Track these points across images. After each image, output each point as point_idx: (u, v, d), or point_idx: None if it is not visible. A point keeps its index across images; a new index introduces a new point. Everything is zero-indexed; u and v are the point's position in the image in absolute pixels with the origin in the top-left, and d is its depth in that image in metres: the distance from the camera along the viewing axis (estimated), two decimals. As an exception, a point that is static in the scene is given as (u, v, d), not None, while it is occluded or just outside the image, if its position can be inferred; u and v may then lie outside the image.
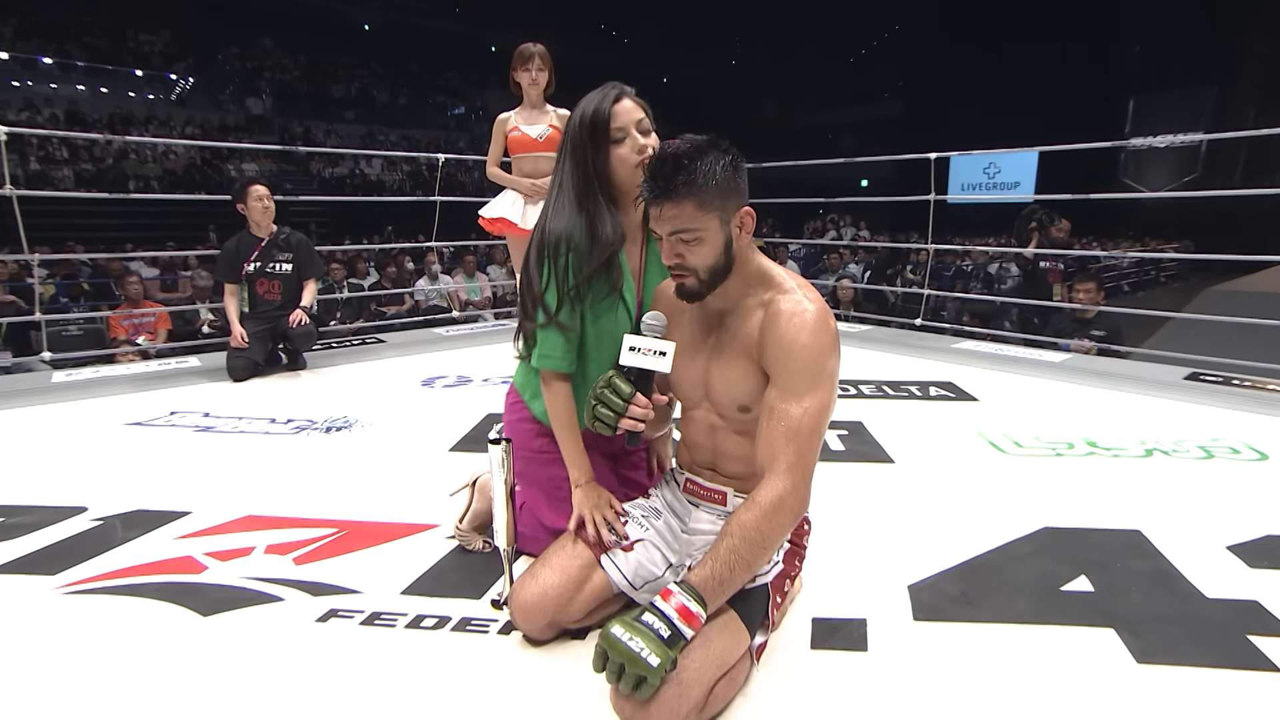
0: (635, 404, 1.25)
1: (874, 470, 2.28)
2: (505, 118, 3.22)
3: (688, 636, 1.04)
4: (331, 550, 1.71)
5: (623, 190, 1.39)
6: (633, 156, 1.35)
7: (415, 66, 20.92)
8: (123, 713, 1.15)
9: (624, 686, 1.01)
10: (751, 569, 1.12)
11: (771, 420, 1.17)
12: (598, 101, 1.36)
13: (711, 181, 1.14)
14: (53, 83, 14.61)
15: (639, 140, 1.35)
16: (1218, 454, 2.39)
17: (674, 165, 1.14)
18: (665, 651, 1.00)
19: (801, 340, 1.16)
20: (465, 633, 1.37)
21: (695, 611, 1.05)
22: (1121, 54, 16.51)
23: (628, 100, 1.37)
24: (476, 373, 3.61)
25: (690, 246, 1.17)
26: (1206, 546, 1.71)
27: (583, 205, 1.37)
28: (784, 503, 1.12)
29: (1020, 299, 5.01)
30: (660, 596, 1.07)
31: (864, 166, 17.80)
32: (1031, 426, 2.69)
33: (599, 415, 1.26)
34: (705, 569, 1.08)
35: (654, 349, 1.25)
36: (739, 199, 1.19)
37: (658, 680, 1.00)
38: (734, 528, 1.11)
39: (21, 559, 1.67)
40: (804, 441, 1.15)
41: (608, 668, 1.02)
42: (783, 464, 1.14)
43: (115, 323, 4.92)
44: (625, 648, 1.00)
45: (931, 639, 1.35)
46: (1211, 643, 1.32)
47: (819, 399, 1.16)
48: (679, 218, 1.15)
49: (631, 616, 1.04)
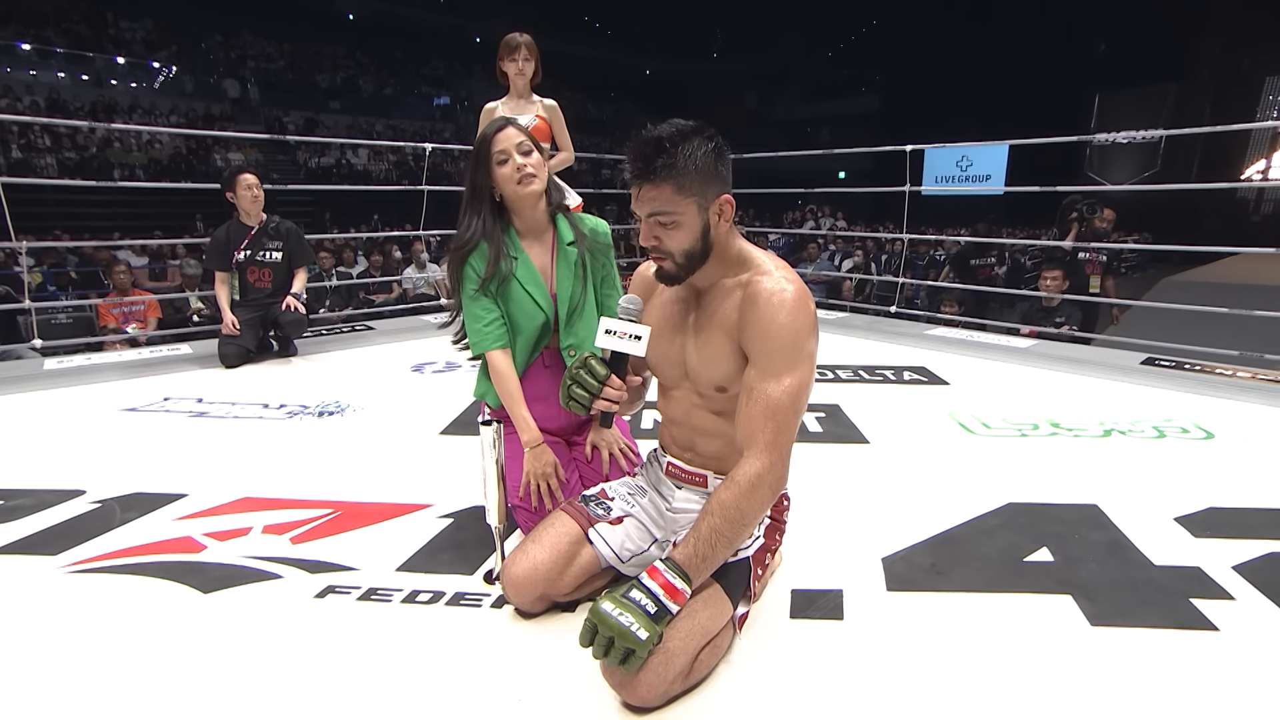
0: (610, 385, 1.29)
1: (850, 451, 2.36)
2: (492, 107, 3.25)
3: (673, 611, 1.08)
4: (327, 530, 1.76)
5: (511, 202, 1.62)
6: (514, 175, 1.57)
7: (400, 56, 20.75)
8: (129, 686, 1.19)
9: (611, 660, 1.04)
10: (733, 545, 1.16)
11: (750, 399, 1.19)
12: (487, 130, 1.60)
13: (692, 166, 1.15)
14: (32, 69, 14.37)
15: (517, 160, 1.57)
16: (1169, 433, 2.51)
17: (655, 147, 1.15)
18: (652, 626, 1.05)
19: (780, 320, 1.18)
20: (459, 607, 1.42)
21: (680, 588, 1.09)
22: (1087, 51, 16.69)
23: (510, 129, 1.59)
24: (464, 359, 3.64)
25: (667, 230, 1.20)
26: (1156, 518, 1.80)
27: (466, 211, 1.63)
28: (762, 480, 1.14)
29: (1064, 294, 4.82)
30: (646, 573, 1.11)
31: (842, 158, 17.94)
32: (999, 409, 2.78)
33: (574, 396, 1.30)
34: (688, 546, 1.12)
35: (629, 332, 1.27)
36: (720, 186, 1.20)
37: (645, 653, 1.04)
38: (714, 506, 1.14)
39: (24, 540, 1.71)
40: (782, 419, 1.17)
41: (595, 642, 1.05)
42: (761, 442, 1.16)
43: (105, 311, 4.92)
44: (615, 622, 1.04)
45: (904, 608, 1.42)
46: (1158, 606, 1.40)
47: (797, 378, 1.18)
48: (657, 200, 1.17)
49: (620, 593, 1.08)
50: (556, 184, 1.71)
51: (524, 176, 1.57)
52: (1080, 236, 4.62)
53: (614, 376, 1.29)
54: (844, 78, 23.63)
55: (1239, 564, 1.56)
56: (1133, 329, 4.38)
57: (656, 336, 1.34)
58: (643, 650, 1.04)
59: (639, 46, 25.05)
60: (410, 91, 20.37)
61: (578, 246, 1.68)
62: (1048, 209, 5.22)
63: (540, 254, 1.67)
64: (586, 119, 21.16)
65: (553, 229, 1.69)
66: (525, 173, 1.57)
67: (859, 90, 22.96)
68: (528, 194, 1.59)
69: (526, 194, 1.59)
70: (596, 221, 1.77)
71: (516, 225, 1.66)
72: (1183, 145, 14.54)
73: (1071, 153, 15.22)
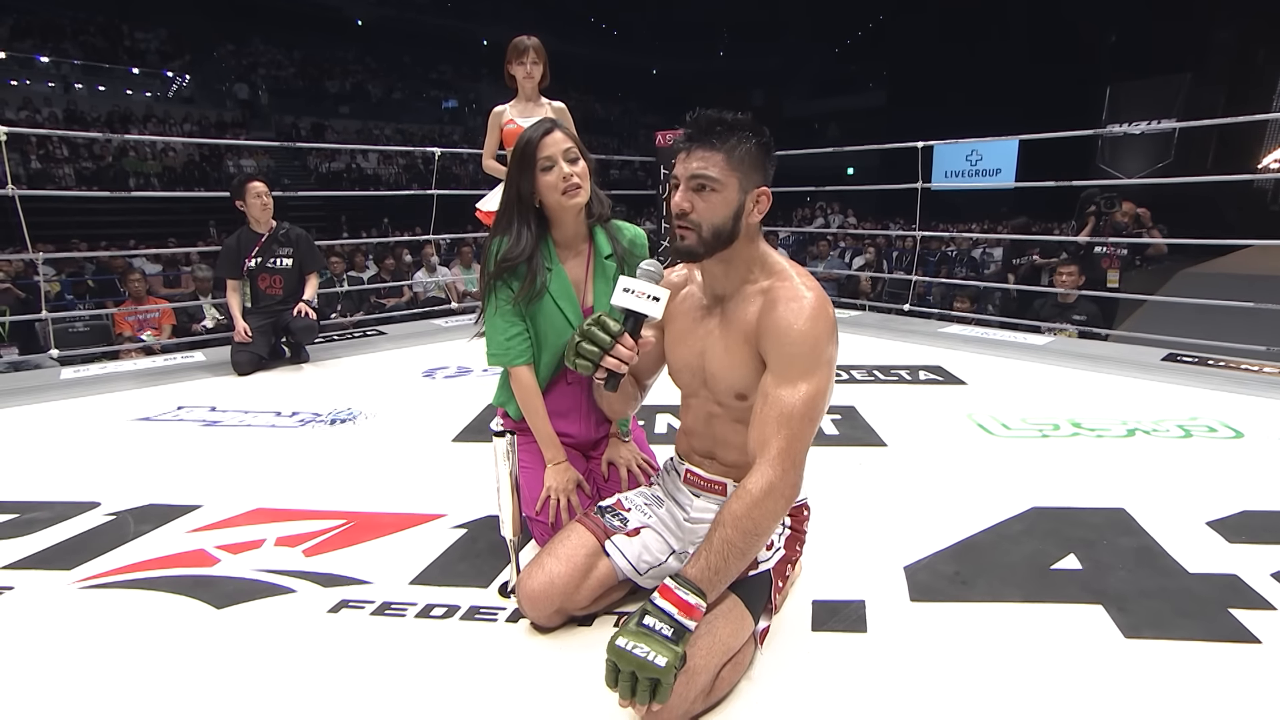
0: (622, 343, 1.24)
1: (868, 454, 2.32)
2: (500, 111, 3.24)
3: (691, 629, 1.05)
4: (341, 541, 1.74)
5: (551, 211, 1.54)
6: (559, 184, 1.49)
7: (408, 60, 20.86)
8: (141, 705, 1.18)
9: (641, 698, 1.00)
10: (746, 557, 1.12)
11: (766, 405, 1.17)
12: (532, 132, 1.50)
13: (745, 147, 1.18)
14: (50, 81, 14.56)
15: (564, 169, 1.48)
16: (1196, 433, 2.45)
17: (716, 119, 1.18)
18: (672, 649, 1.01)
19: (798, 326, 1.16)
20: (474, 621, 1.40)
21: (695, 604, 1.06)
22: (1098, 42, 16.49)
23: (557, 133, 1.50)
24: (477, 363, 3.64)
25: (704, 196, 1.18)
26: (1187, 523, 1.75)
27: (511, 219, 1.54)
28: (774, 489, 1.12)
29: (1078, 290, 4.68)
30: (659, 593, 1.07)
31: (850, 155, 17.87)
32: (1018, 409, 2.73)
33: (582, 351, 1.24)
34: (701, 561, 1.09)
35: (648, 293, 1.23)
36: (762, 177, 1.22)
37: (671, 679, 1.00)
38: (726, 518, 1.11)
39: (38, 554, 1.70)
40: (796, 427, 1.15)
41: (620, 681, 1.02)
42: (773, 450, 1.14)
43: (120, 319, 4.96)
44: (632, 656, 1.00)
45: (928, 619, 1.38)
46: (1195, 616, 1.36)
47: (814, 385, 1.16)
48: (706, 163, 1.18)
49: (634, 623, 1.04)
50: (599, 196, 1.61)
51: (569, 187, 1.49)
52: (1098, 231, 4.54)
53: (626, 335, 1.25)
54: (851, 73, 23.55)
55: (1278, 571, 1.51)
56: (1152, 324, 4.30)
57: (677, 342, 1.32)
58: (667, 677, 1.00)
59: (645, 46, 25.09)
60: (419, 96, 20.48)
61: (616, 259, 1.61)
62: (1060, 203, 5.14)
63: (575, 266, 1.61)
64: (594, 120, 21.18)
65: (590, 241, 1.63)
66: (571, 183, 1.49)
67: (866, 86, 22.86)
68: (571, 205, 1.51)
69: (570, 205, 1.51)
70: (635, 231, 1.69)
71: (554, 235, 1.58)
72: (1197, 136, 14.34)
73: (1083, 146, 15.04)
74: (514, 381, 1.60)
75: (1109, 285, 4.62)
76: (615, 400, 1.42)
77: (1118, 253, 4.73)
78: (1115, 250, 4.73)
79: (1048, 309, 4.41)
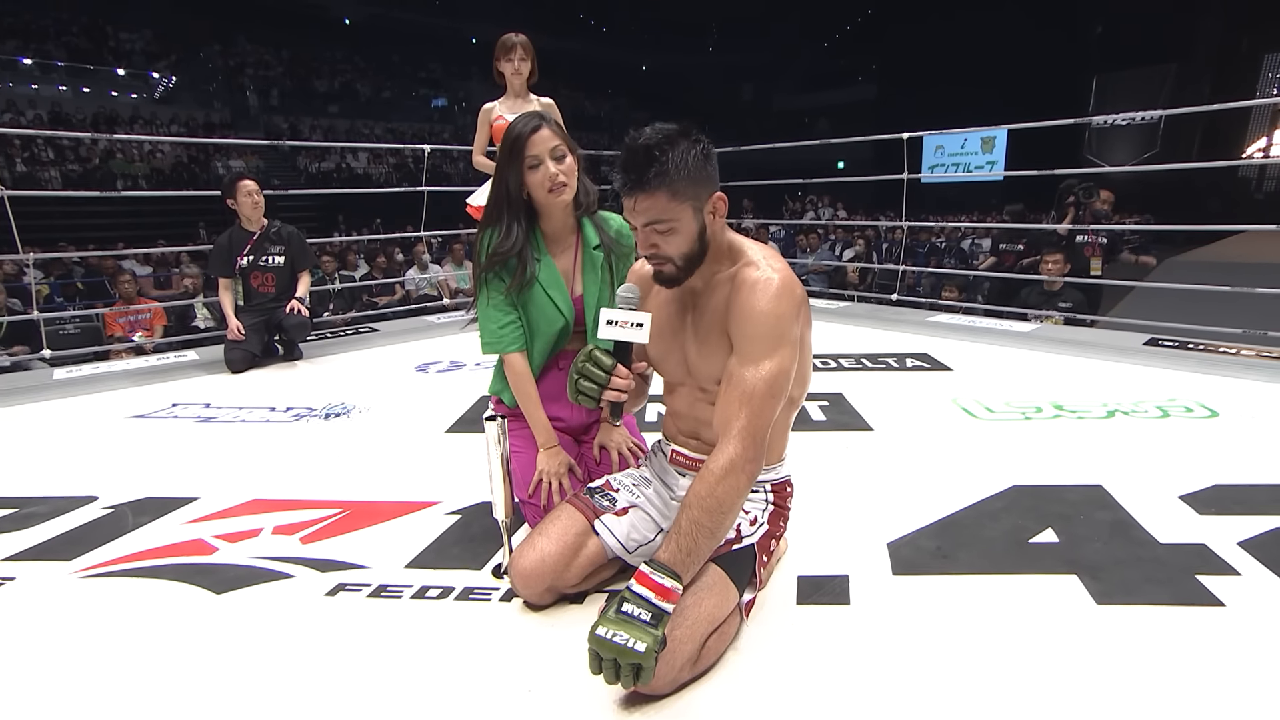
0: (617, 375, 1.30)
1: (854, 438, 2.36)
2: (490, 107, 3.26)
3: (669, 612, 1.07)
4: (336, 529, 1.77)
5: (539, 205, 1.57)
6: (545, 183, 1.52)
7: (397, 59, 20.77)
8: (145, 686, 1.21)
9: (625, 681, 1.04)
10: (716, 536, 1.14)
11: (729, 385, 1.20)
12: (521, 127, 1.52)
13: (683, 172, 1.15)
14: (34, 83, 14.42)
15: (550, 168, 1.51)
16: (1173, 413, 2.51)
17: (645, 157, 1.15)
18: (651, 634, 1.03)
19: (760, 306, 1.19)
20: (468, 601, 1.44)
21: (670, 587, 1.08)
22: (1085, 33, 16.56)
23: (545, 130, 1.52)
24: (469, 357, 3.68)
25: (665, 236, 1.20)
26: (1161, 497, 1.81)
27: (500, 213, 1.56)
28: (734, 466, 1.14)
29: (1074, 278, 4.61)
30: (635, 580, 1.09)
31: (840, 148, 17.92)
32: (1002, 393, 2.79)
33: (582, 389, 1.30)
34: (672, 544, 1.11)
35: (630, 320, 1.27)
36: (710, 186, 1.21)
37: (652, 662, 1.03)
38: (691, 499, 1.14)
39: (39, 546, 1.73)
40: (758, 405, 1.17)
41: (604, 668, 1.05)
42: (735, 428, 1.16)
43: (111, 320, 4.96)
44: (612, 644, 1.03)
45: (909, 592, 1.42)
46: (1164, 583, 1.41)
47: (776, 363, 1.18)
48: (652, 209, 1.17)
49: (612, 610, 1.07)
50: (587, 187, 1.63)
51: (555, 185, 1.52)
52: (1078, 220, 4.60)
53: (620, 366, 1.30)
54: (841, 67, 23.57)
55: (1245, 540, 1.56)
56: (1135, 310, 4.38)
57: (657, 337, 1.35)
58: (648, 661, 1.03)
59: (635, 42, 25.05)
60: (408, 94, 20.38)
61: (604, 250, 1.66)
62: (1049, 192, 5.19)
63: (564, 257, 1.65)
64: (584, 116, 21.14)
65: (578, 232, 1.66)
66: (557, 181, 1.52)
67: (856, 79, 22.90)
68: (558, 202, 1.55)
69: (557, 202, 1.55)
70: (621, 222, 1.71)
71: (543, 227, 1.62)
72: (1183, 125, 14.45)
73: (1070, 136, 15.13)
74: (508, 368, 1.64)
75: (1092, 273, 4.67)
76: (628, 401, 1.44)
77: (1099, 241, 4.79)
78: (1096, 239, 4.79)
79: (1034, 297, 4.47)
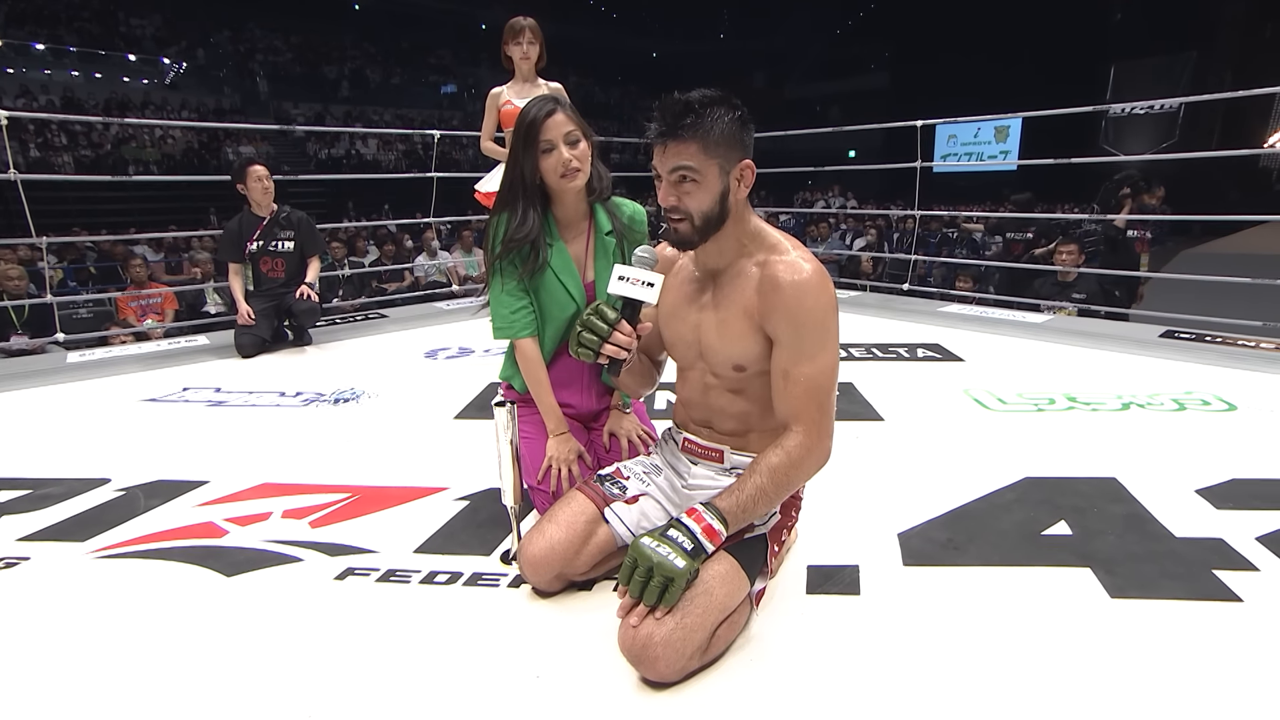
0: (620, 330, 1.27)
1: (865, 428, 2.35)
2: (498, 92, 3.24)
3: (709, 551, 1.14)
4: (346, 514, 1.78)
5: (552, 190, 1.56)
6: (558, 168, 1.50)
7: (406, 45, 20.71)
8: (157, 666, 1.22)
9: (650, 596, 1.09)
10: (770, 506, 1.22)
11: (789, 383, 1.22)
12: (535, 111, 1.50)
13: (717, 129, 1.16)
14: (46, 69, 14.49)
15: (563, 154, 1.49)
16: (1190, 406, 2.48)
17: (683, 107, 1.16)
18: (689, 559, 1.10)
19: (807, 303, 1.19)
20: (477, 587, 1.44)
21: (718, 529, 1.15)
22: (1103, 20, 16.28)
23: (560, 114, 1.50)
24: (478, 344, 3.68)
25: (688, 188, 1.19)
26: (1177, 491, 1.78)
27: (516, 198, 1.55)
28: (811, 453, 1.21)
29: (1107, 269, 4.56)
30: (686, 514, 1.16)
31: (852, 136, 17.76)
32: (1014, 384, 2.76)
33: (583, 340, 1.28)
34: (732, 497, 1.17)
35: (642, 279, 1.26)
36: (742, 152, 1.21)
37: (683, 582, 1.09)
38: (763, 467, 1.19)
39: (53, 527, 1.75)
40: (823, 398, 1.22)
41: (633, 579, 1.10)
42: (807, 420, 1.21)
43: (123, 304, 4.99)
44: (653, 552, 1.10)
45: (920, 583, 1.41)
46: (1179, 578, 1.39)
47: (829, 355, 1.22)
48: (681, 155, 1.17)
49: (659, 531, 1.15)
50: (600, 173, 1.61)
51: (569, 171, 1.50)
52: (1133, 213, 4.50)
53: (624, 322, 1.29)
54: (853, 55, 23.34)
55: (1263, 535, 1.54)
56: (1152, 302, 4.32)
57: (671, 316, 1.35)
58: (680, 579, 1.09)
59: (645, 29, 24.86)
60: (417, 80, 20.34)
61: (616, 236, 1.64)
62: (1063, 182, 5.13)
63: (576, 243, 1.64)
64: (593, 103, 21.04)
65: (590, 218, 1.65)
66: (571, 167, 1.50)
67: (868, 67, 22.67)
68: (571, 188, 1.54)
69: (570, 188, 1.54)
70: (635, 208, 1.71)
71: (555, 213, 1.61)
72: (1202, 115, 14.23)
73: (1087, 125, 14.89)
74: (519, 354, 1.63)
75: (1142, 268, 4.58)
76: (631, 381, 1.43)
77: (1146, 235, 4.71)
78: (1144, 233, 4.70)
79: (1047, 287, 4.43)
